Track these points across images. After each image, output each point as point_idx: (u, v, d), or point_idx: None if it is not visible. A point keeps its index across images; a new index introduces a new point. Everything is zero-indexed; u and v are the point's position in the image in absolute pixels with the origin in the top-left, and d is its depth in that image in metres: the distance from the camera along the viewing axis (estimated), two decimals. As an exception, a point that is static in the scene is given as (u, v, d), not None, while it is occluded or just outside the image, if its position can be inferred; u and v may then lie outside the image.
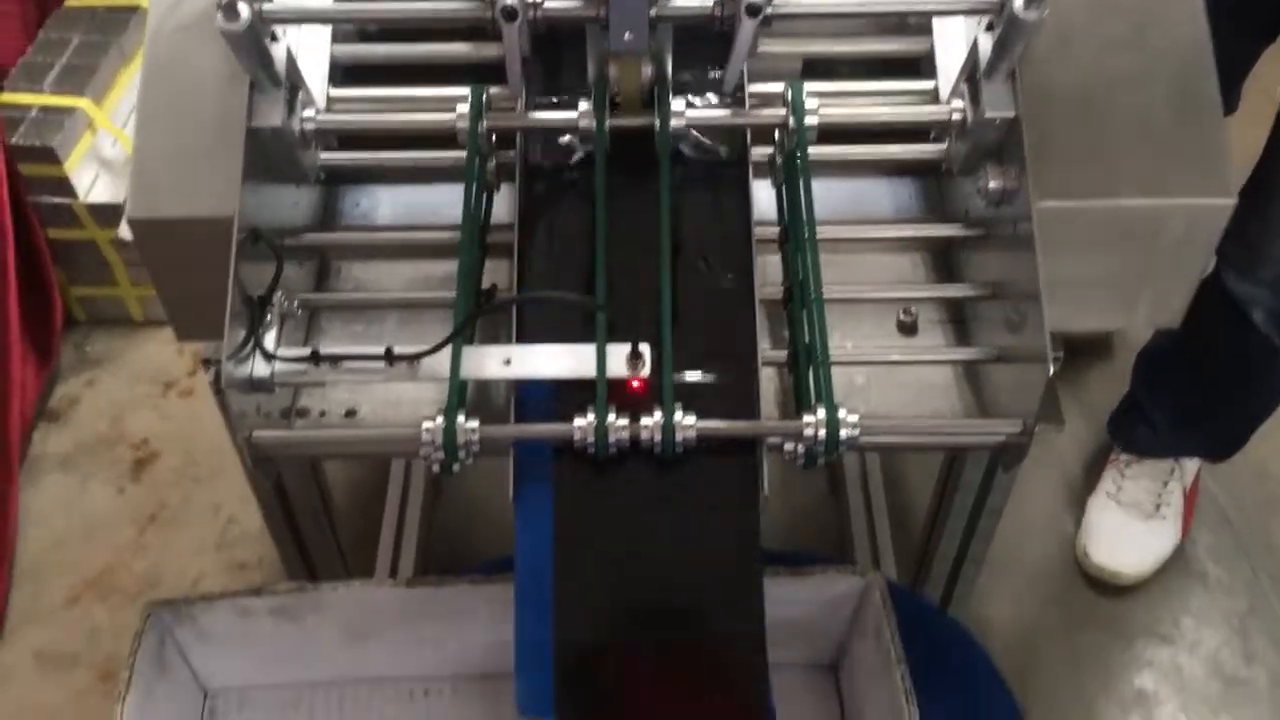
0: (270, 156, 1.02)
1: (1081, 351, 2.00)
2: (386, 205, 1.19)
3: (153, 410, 2.06)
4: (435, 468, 0.99)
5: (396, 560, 1.66)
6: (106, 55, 2.02)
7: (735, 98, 1.08)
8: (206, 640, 1.15)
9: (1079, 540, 1.74)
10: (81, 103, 1.95)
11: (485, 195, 1.09)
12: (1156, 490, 1.74)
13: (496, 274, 1.09)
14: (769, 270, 1.11)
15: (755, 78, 1.10)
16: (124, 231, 1.15)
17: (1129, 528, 1.71)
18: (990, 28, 1.00)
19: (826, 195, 1.12)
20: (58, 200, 1.95)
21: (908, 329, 1.13)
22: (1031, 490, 1.83)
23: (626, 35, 0.95)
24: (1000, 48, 0.96)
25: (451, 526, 1.84)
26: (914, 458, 1.80)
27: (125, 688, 1.02)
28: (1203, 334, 1.57)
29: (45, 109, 1.93)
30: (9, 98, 1.92)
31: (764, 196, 1.12)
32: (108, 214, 1.97)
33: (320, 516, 1.23)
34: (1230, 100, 1.47)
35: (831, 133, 1.09)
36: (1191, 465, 1.77)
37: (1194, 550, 1.78)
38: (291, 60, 1.00)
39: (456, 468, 0.99)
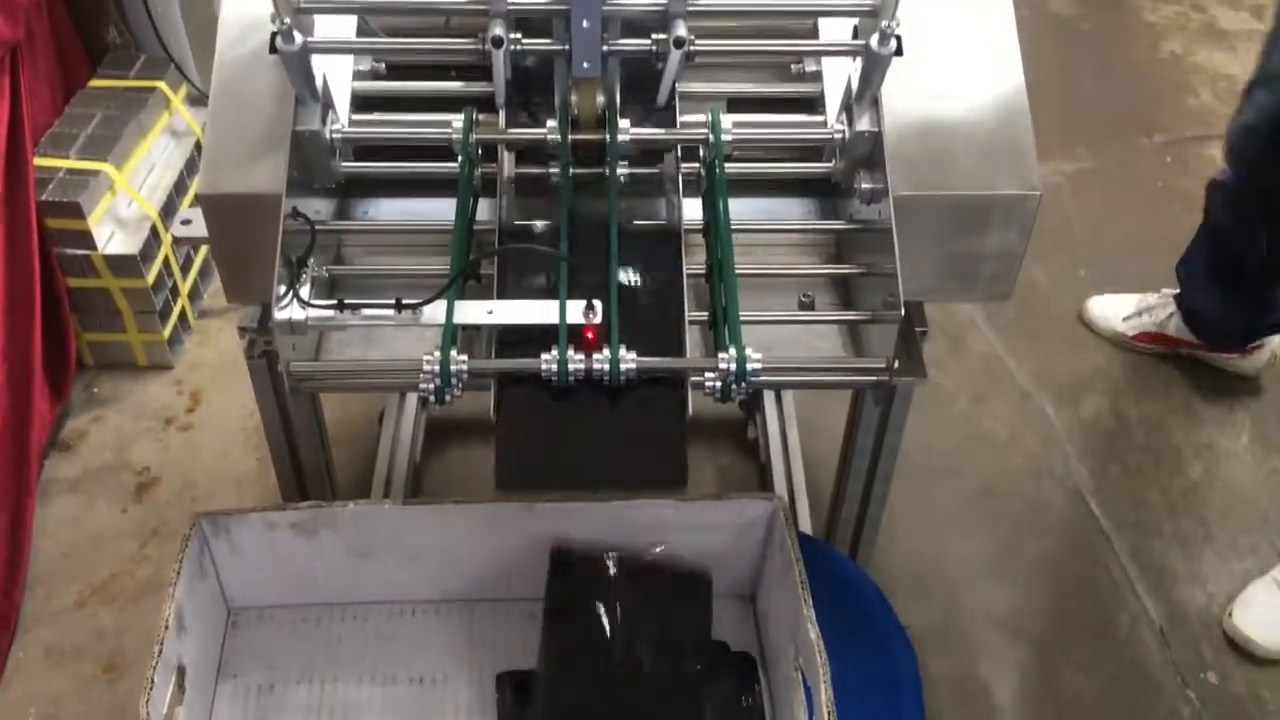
0: (306, 159, 1.31)
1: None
2: (388, 213, 1.47)
3: (154, 443, 2.24)
4: (431, 397, 1.25)
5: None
6: (126, 128, 2.27)
7: (669, 120, 1.38)
8: (237, 554, 1.36)
9: (1231, 605, 1.91)
10: (104, 167, 2.19)
11: (472, 197, 1.38)
12: None
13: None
14: (697, 257, 1.39)
15: (687, 111, 1.40)
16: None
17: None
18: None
19: (743, 209, 1.41)
20: (79, 252, 2.17)
21: (806, 307, 1.43)
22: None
23: (585, 64, 1.25)
24: (865, 78, 1.28)
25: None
26: (825, 432, 2.03)
27: (176, 577, 1.25)
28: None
29: (72, 171, 2.16)
30: (40, 161, 2.13)
31: (694, 207, 1.42)
32: (123, 264, 2.19)
33: (318, 450, 1.49)
34: None
35: (747, 157, 1.41)
36: None
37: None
38: (325, 84, 1.30)
39: (448, 397, 1.25)
